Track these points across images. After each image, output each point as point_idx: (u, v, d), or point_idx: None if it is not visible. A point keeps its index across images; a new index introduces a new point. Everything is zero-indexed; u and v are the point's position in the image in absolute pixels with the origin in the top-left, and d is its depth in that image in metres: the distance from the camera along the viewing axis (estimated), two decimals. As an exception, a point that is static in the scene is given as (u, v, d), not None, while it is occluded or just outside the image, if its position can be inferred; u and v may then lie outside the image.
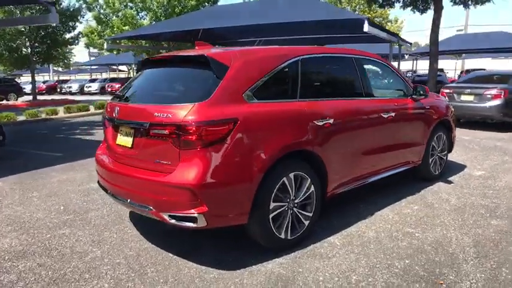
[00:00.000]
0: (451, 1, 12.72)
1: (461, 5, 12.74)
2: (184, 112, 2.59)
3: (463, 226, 3.51)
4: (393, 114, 4.00)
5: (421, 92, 4.36)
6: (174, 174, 2.61)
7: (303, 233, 3.13)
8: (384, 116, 3.89)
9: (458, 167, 5.57)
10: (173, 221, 2.66)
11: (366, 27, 9.47)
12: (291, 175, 2.98)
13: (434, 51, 12.83)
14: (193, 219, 2.59)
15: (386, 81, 4.89)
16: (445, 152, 5.11)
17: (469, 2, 12.43)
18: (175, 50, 22.97)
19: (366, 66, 3.97)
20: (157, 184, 2.68)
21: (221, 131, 2.59)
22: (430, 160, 4.79)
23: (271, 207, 2.87)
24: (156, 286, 2.57)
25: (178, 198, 2.60)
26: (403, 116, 4.21)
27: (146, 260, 2.91)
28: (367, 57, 4.06)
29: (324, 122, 3.23)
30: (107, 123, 3.35)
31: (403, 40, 13.35)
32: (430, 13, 13.16)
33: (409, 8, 14.37)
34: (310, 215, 3.18)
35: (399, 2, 14.32)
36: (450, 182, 4.85)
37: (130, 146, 2.98)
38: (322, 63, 3.61)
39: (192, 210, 2.56)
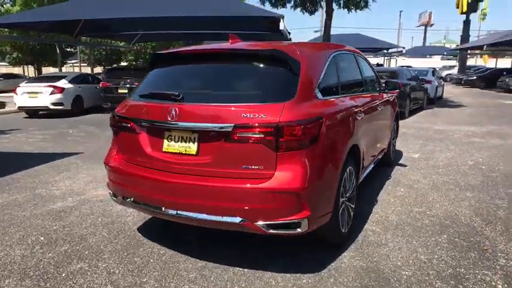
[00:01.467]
0: (337, 5, 14.30)
1: (346, 9, 14.46)
2: (279, 112, 2.41)
3: (453, 201, 4.13)
4: (382, 107, 4.42)
5: (392, 87, 4.90)
6: (274, 179, 2.40)
7: (351, 226, 3.24)
8: (378, 109, 4.25)
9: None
10: (271, 230, 2.44)
11: (282, 26, 9.93)
12: (349, 169, 3.06)
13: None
14: (296, 225, 2.43)
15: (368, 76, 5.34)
16: (395, 139, 5.86)
17: (351, 7, 14.20)
18: (48, 40, 19.86)
19: (362, 63, 4.27)
20: (251, 192, 2.42)
21: (314, 130, 2.49)
22: (391, 147, 5.44)
23: (340, 203, 2.90)
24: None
25: (280, 204, 2.40)
26: (384, 109, 4.66)
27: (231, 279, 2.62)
28: (361, 55, 4.36)
29: (361, 116, 3.38)
30: (138, 128, 2.84)
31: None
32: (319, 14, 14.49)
33: (299, 9, 15.56)
34: (353, 206, 3.31)
35: (290, 3, 15.37)
36: (404, 165, 5.58)
37: (194, 152, 2.60)
38: (346, 59, 3.74)
39: (295, 216, 2.41)
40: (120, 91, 11.52)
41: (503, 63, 40.45)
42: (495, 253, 2.97)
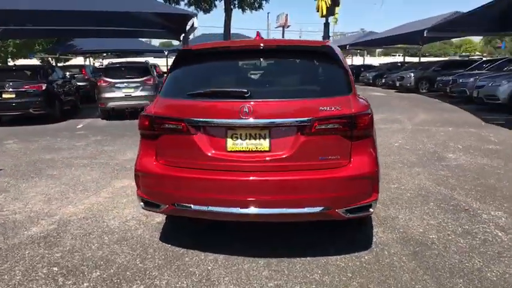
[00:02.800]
0: (232, 5, 14.72)
1: (240, 9, 14.97)
2: (349, 104, 2.59)
3: (412, 176, 4.91)
4: None
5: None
6: (352, 166, 2.58)
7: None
8: None
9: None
10: (349, 214, 2.61)
11: (191, 23, 9.79)
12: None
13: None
14: (368, 208, 2.66)
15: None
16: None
17: (246, 8, 14.78)
18: None
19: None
20: (332, 181, 2.55)
21: (372, 120, 2.73)
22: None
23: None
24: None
25: (358, 189, 2.60)
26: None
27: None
28: None
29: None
30: (193, 129, 2.66)
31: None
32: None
33: (193, 7, 15.49)
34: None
35: (184, 0, 15.19)
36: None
37: (267, 149, 2.58)
38: None
39: (369, 199, 2.64)
40: (4, 96, 9.68)
41: (359, 60, 47.03)
42: (475, 211, 3.72)
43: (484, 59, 23.45)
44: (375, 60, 45.60)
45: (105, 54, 35.91)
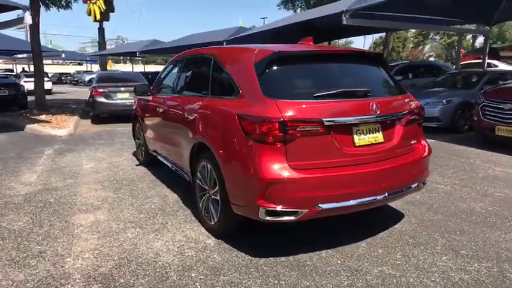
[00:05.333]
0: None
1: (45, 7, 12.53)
2: (414, 99, 3.35)
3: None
4: None
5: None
6: (425, 148, 3.34)
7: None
8: None
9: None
10: (423, 186, 3.37)
11: (29, 20, 7.91)
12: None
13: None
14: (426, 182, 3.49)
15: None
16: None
17: (51, 5, 12.54)
18: None
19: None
20: (421, 161, 3.23)
21: None
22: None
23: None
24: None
25: (427, 165, 3.38)
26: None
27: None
28: None
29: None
30: (326, 129, 2.78)
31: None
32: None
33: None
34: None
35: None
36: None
37: (382, 140, 3.02)
38: None
39: (428, 173, 3.46)
40: None
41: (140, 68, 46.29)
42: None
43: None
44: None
45: None
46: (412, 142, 3.32)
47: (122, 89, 10.66)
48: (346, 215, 3.30)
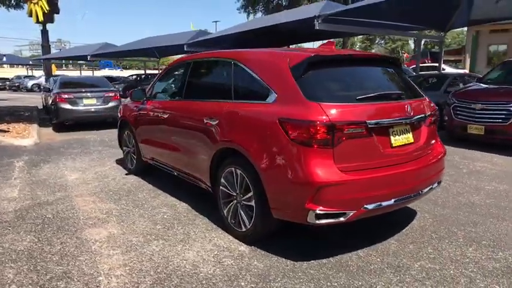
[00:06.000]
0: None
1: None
2: (432, 102, 3.54)
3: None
4: None
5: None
6: (441, 147, 3.52)
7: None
8: None
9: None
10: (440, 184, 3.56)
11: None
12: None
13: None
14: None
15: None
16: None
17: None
18: None
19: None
20: (441, 160, 3.39)
21: None
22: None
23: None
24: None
25: (444, 165, 3.57)
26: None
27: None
28: None
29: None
30: (369, 131, 2.84)
31: None
32: None
33: None
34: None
35: None
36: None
37: (412, 140, 3.13)
38: None
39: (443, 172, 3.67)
40: None
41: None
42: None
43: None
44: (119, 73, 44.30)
45: None
46: (432, 142, 3.50)
47: (89, 94, 10.09)
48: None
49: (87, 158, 6.89)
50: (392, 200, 2.99)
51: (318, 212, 2.75)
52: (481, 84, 8.08)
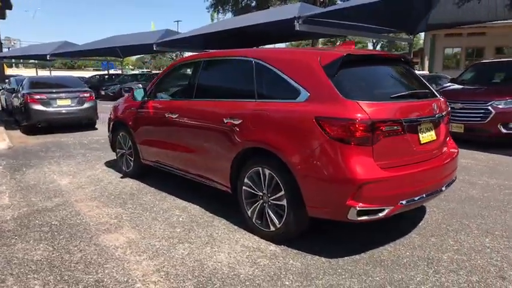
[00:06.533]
0: None
1: None
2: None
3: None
4: None
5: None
6: (454, 144, 3.70)
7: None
8: None
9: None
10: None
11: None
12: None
13: None
14: None
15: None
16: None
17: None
18: None
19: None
20: (457, 156, 3.56)
21: None
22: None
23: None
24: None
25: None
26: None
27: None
28: None
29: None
30: (403, 128, 2.94)
31: None
32: None
33: None
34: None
35: None
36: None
37: (435, 137, 3.26)
38: None
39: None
40: None
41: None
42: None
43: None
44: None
45: None
46: (447, 139, 3.67)
47: (63, 95, 9.58)
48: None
49: (72, 162, 6.55)
50: (424, 195, 3.11)
51: (358, 209, 2.80)
52: (457, 85, 8.57)
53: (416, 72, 4.08)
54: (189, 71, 4.48)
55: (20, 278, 2.81)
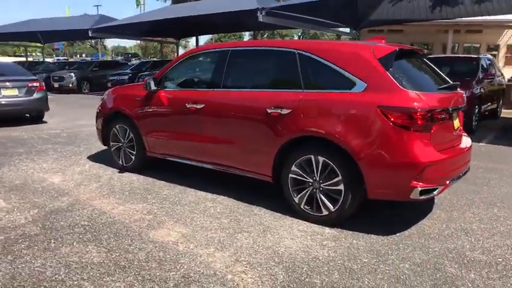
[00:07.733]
0: None
1: None
2: None
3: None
4: None
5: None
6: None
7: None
8: None
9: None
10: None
11: None
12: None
13: None
14: None
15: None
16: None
17: None
18: None
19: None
20: (471, 147, 4.04)
21: None
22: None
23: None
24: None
25: None
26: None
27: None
28: None
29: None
30: (447, 117, 3.29)
31: None
32: None
33: None
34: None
35: None
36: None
37: (458, 125, 3.69)
38: None
39: None
40: None
41: None
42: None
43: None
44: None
45: None
46: (461, 127, 4.16)
47: (8, 84, 8.49)
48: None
49: (48, 158, 5.94)
50: (460, 175, 3.56)
51: (420, 188, 3.11)
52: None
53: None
54: (210, 61, 4.38)
55: (97, 282, 2.61)
